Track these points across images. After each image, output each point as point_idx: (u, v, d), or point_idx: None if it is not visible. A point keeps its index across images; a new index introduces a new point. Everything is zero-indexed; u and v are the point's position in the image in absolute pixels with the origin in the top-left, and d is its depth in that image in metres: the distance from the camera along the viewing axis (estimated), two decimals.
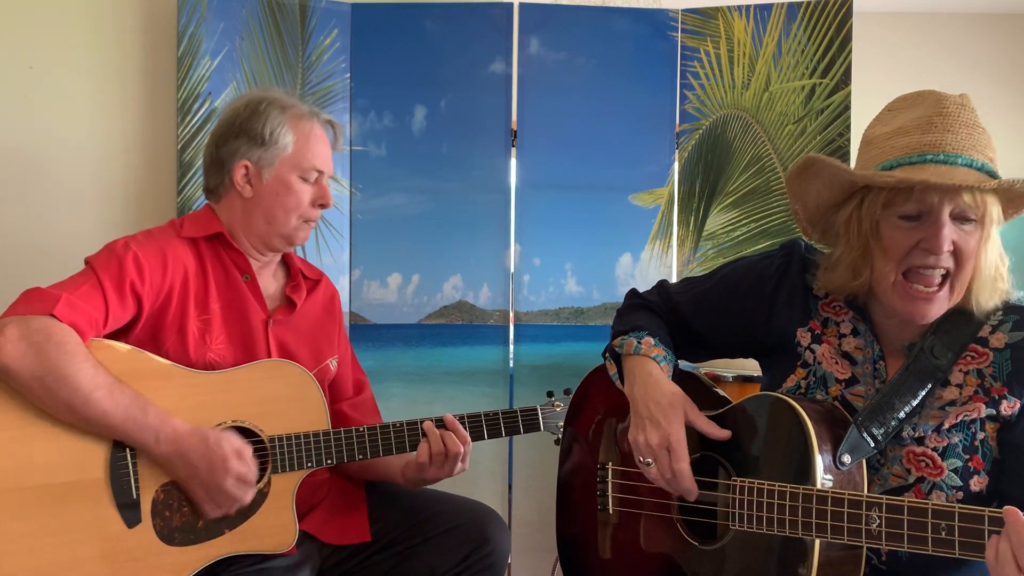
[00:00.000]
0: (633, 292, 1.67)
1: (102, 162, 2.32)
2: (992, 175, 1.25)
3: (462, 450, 1.64)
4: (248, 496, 1.50)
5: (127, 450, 1.46)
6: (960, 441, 1.29)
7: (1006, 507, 1.06)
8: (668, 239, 2.46)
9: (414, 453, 1.66)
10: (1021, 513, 1.05)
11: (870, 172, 1.30)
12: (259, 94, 1.71)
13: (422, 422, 1.65)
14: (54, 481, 1.41)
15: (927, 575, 1.30)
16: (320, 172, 1.69)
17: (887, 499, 1.16)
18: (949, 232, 1.24)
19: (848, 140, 2.31)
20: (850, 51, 2.33)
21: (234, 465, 1.46)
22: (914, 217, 1.27)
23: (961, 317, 1.33)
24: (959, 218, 1.25)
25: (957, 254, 1.26)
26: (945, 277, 1.28)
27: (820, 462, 1.25)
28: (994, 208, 1.26)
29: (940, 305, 1.29)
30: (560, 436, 1.72)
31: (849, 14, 2.33)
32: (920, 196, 1.24)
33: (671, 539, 1.46)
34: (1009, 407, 1.28)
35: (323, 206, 1.71)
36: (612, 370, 1.55)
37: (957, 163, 1.24)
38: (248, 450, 1.50)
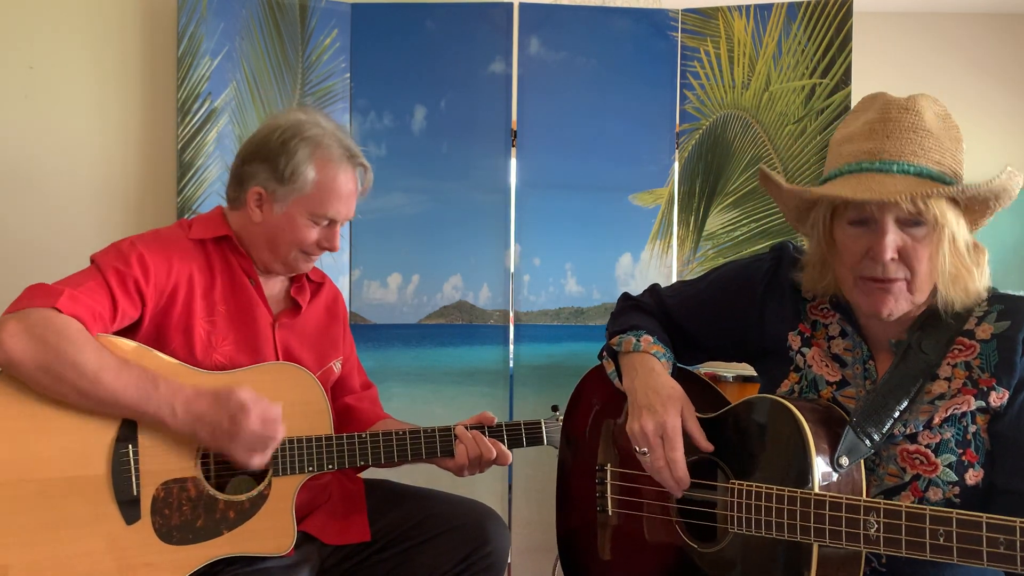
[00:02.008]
0: (626, 296, 1.68)
1: (102, 162, 2.33)
2: (935, 178, 1.25)
3: (495, 454, 1.66)
4: (280, 432, 1.48)
5: (129, 446, 1.46)
6: (952, 436, 1.29)
7: None
8: (668, 239, 2.46)
9: (418, 462, 1.67)
10: None
11: (798, 188, 1.33)
12: (298, 121, 1.65)
13: (431, 430, 1.66)
14: (55, 475, 1.41)
15: None
16: (333, 220, 1.67)
17: (885, 504, 1.16)
18: (893, 239, 1.25)
19: None
20: (850, 51, 2.33)
21: (254, 407, 1.45)
22: (860, 223, 1.28)
23: (944, 313, 1.34)
24: (907, 223, 1.26)
25: (907, 260, 1.26)
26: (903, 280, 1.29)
27: (818, 465, 1.25)
28: (945, 210, 1.25)
29: (900, 300, 1.29)
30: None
31: (849, 14, 2.33)
32: (859, 204, 1.26)
33: (670, 541, 1.46)
34: (998, 398, 1.28)
35: (327, 248, 1.68)
36: (610, 368, 1.55)
37: (892, 170, 1.25)
38: (261, 396, 1.48)
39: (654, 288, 1.66)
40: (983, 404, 1.28)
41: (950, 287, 1.29)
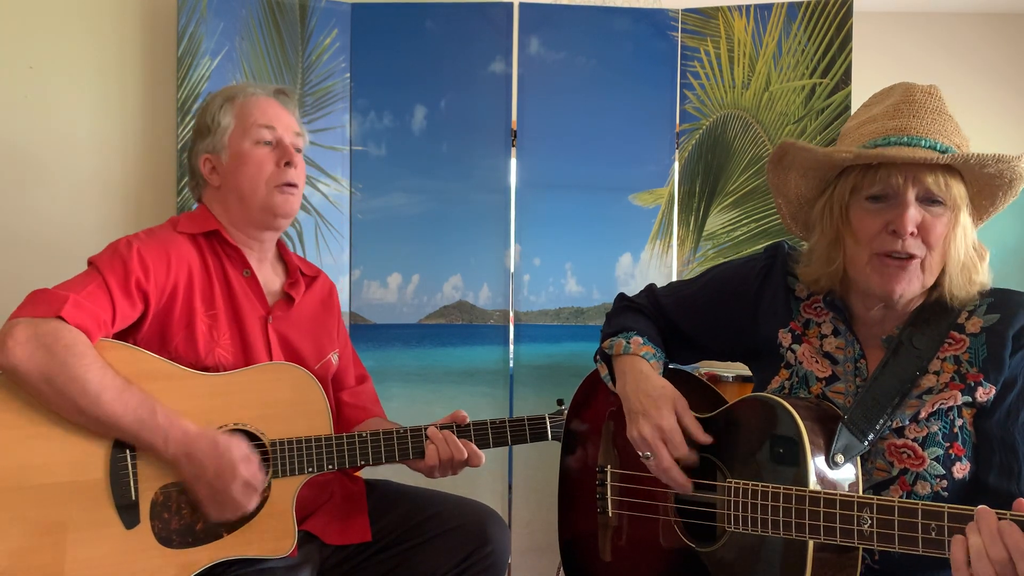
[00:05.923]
0: (621, 296, 1.69)
1: (102, 162, 2.33)
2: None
3: (466, 455, 1.64)
4: (252, 503, 1.49)
5: (127, 451, 1.46)
6: (939, 429, 1.29)
7: (979, 507, 1.08)
8: (668, 239, 2.46)
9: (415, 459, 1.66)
10: (991, 510, 1.07)
11: (831, 149, 1.32)
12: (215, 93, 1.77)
13: (426, 428, 1.65)
14: (53, 481, 1.41)
15: (920, 574, 1.30)
16: (271, 129, 1.68)
17: (878, 500, 1.16)
18: (915, 213, 1.26)
19: None
20: (850, 51, 2.33)
21: (242, 470, 1.46)
22: (880, 198, 1.28)
23: (938, 306, 1.34)
24: (926, 200, 1.27)
25: (925, 237, 1.27)
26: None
27: (814, 463, 1.25)
28: (960, 192, 1.28)
29: (913, 280, 1.29)
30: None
31: (849, 14, 2.33)
32: (885, 177, 1.27)
33: (670, 541, 1.46)
34: (984, 393, 1.28)
35: (290, 164, 1.68)
36: (604, 372, 1.57)
37: (920, 144, 1.26)
38: (256, 457, 1.49)
39: (650, 288, 1.67)
40: (969, 399, 1.29)
41: (959, 274, 1.30)
